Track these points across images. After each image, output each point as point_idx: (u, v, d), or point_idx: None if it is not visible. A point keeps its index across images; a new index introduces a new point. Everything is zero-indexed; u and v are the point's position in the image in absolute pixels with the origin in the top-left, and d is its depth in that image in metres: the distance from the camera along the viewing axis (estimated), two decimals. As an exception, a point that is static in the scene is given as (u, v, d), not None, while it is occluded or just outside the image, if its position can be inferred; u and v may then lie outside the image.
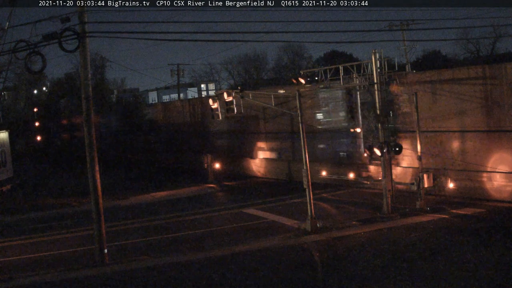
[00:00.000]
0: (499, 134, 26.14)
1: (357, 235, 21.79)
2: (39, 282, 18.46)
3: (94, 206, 20.25)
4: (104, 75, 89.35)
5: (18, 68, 61.27)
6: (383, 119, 25.08)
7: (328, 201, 29.66)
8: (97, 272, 19.20)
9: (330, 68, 26.73)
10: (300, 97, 23.60)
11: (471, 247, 19.13)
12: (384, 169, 25.09)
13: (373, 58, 24.95)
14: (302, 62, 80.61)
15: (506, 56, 61.99)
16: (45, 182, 46.52)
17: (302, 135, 23.33)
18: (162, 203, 33.49)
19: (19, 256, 22.39)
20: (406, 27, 46.00)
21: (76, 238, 24.98)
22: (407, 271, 16.89)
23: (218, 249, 21.26)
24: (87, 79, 20.26)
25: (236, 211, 29.04)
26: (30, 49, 18.06)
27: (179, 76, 70.19)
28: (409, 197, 26.62)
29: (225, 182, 39.67)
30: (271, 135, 40.65)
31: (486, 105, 26.42)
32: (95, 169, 20.20)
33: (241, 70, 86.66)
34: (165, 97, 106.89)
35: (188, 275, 18.42)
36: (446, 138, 28.18)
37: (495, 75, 26.17)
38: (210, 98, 26.12)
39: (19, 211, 33.07)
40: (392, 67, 28.04)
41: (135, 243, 23.40)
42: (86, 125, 20.23)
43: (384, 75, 26.16)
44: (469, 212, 24.33)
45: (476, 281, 15.67)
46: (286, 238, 22.09)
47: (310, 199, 22.89)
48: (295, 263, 18.89)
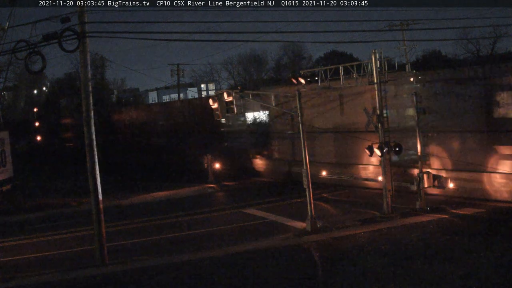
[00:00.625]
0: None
1: (357, 235, 21.79)
2: (39, 282, 18.46)
3: (94, 206, 20.23)
4: (104, 75, 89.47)
5: (18, 68, 61.40)
6: (383, 119, 25.08)
7: (328, 201, 29.67)
8: (97, 272, 19.19)
9: (330, 68, 26.70)
10: (300, 97, 23.62)
11: (471, 247, 19.12)
12: (384, 169, 25.08)
13: (373, 58, 24.94)
14: (302, 62, 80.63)
15: (506, 56, 61.95)
16: (45, 182, 46.53)
17: (302, 135, 23.34)
18: (162, 203, 33.49)
19: (19, 256, 22.38)
20: (406, 27, 45.99)
21: (76, 238, 24.97)
22: (407, 271, 16.88)
23: (218, 249, 21.26)
24: (87, 79, 20.25)
25: (236, 211, 29.04)
26: (30, 49, 18.04)
27: (179, 76, 70.14)
28: (409, 197, 26.63)
29: (225, 182, 39.68)
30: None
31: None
32: (95, 169, 20.20)
33: (241, 70, 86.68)
34: (165, 97, 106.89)
35: (188, 275, 18.42)
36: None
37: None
38: (210, 98, 26.11)
39: (19, 211, 33.06)
40: (392, 67, 28.00)
41: (135, 243, 23.40)
42: (86, 125, 20.23)
43: (384, 75, 26.13)
44: (469, 212, 24.34)
45: (476, 281, 15.67)
46: (286, 238, 22.10)
47: (310, 199, 22.89)
48: (295, 263, 18.90)
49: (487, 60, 56.38)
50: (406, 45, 46.97)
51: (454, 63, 62.70)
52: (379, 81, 25.06)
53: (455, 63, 61.24)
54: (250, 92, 26.49)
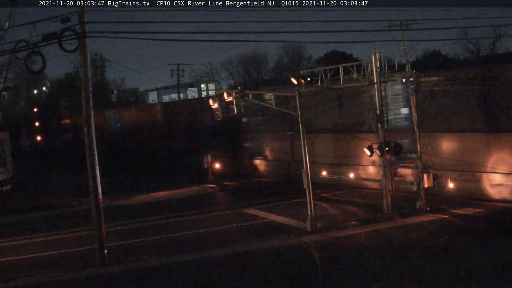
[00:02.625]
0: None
1: (357, 235, 21.79)
2: (39, 282, 18.45)
3: (94, 206, 20.23)
4: (104, 75, 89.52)
5: (18, 68, 61.40)
6: (383, 119, 25.07)
7: (328, 201, 29.67)
8: (97, 272, 19.18)
9: (330, 68, 26.69)
10: (300, 97, 23.62)
11: (471, 247, 19.12)
12: (384, 169, 25.08)
13: (373, 58, 24.92)
14: (302, 62, 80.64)
15: (506, 56, 61.94)
16: (45, 182, 46.53)
17: (302, 135, 23.34)
18: (162, 203, 33.49)
19: (19, 256, 22.37)
20: (406, 27, 45.89)
21: (76, 238, 24.95)
22: (407, 271, 16.89)
23: (218, 249, 21.26)
24: (87, 79, 20.24)
25: (236, 211, 29.04)
26: (30, 49, 18.04)
27: (179, 76, 70.18)
28: (409, 197, 26.63)
29: (226, 182, 39.67)
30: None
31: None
32: (95, 169, 20.20)
33: (241, 70, 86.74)
34: (165, 97, 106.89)
35: (188, 275, 18.42)
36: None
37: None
38: (210, 98, 26.10)
39: (19, 211, 33.05)
40: (392, 67, 27.99)
41: (135, 243, 23.39)
42: (86, 125, 20.22)
43: (384, 75, 26.11)
44: (469, 212, 24.34)
45: (476, 281, 15.67)
46: (286, 238, 22.09)
47: (310, 199, 22.89)
48: (295, 263, 18.90)
49: (487, 60, 56.34)
50: (406, 45, 46.84)
51: (454, 63, 62.70)
52: (379, 81, 25.05)
53: (455, 63, 61.24)
54: (250, 92, 26.48)
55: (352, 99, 32.73)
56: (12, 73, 65.94)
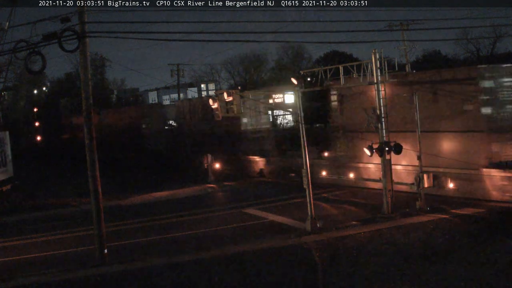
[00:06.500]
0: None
1: (357, 235, 21.79)
2: (39, 282, 18.45)
3: (94, 206, 20.24)
4: (104, 75, 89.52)
5: (18, 68, 61.31)
6: (383, 119, 25.06)
7: (328, 201, 29.67)
8: (97, 272, 19.19)
9: (330, 68, 26.69)
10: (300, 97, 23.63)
11: (471, 247, 19.13)
12: (384, 169, 25.07)
13: (373, 58, 24.93)
14: (302, 62, 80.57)
15: (506, 56, 61.91)
16: (45, 182, 46.51)
17: (302, 135, 23.33)
18: (162, 203, 33.49)
19: (19, 256, 22.39)
20: (406, 27, 45.98)
21: (76, 238, 24.97)
22: (407, 271, 16.89)
23: (218, 249, 21.26)
24: (87, 79, 20.25)
25: (236, 211, 29.04)
26: (30, 49, 18.05)
27: (179, 76, 70.12)
28: (409, 197, 26.63)
29: (225, 182, 39.68)
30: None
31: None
32: (95, 169, 20.20)
33: (241, 70, 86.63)
34: (165, 97, 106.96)
35: (188, 275, 18.42)
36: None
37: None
38: (210, 98, 26.12)
39: (19, 211, 33.07)
40: (392, 67, 28.00)
41: (135, 243, 23.40)
42: (86, 125, 20.23)
43: (384, 75, 26.13)
44: (469, 212, 24.33)
45: (476, 281, 15.67)
46: (286, 238, 22.08)
47: (310, 199, 22.89)
48: (295, 263, 18.90)
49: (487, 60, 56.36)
50: (406, 45, 46.96)
51: (454, 63, 62.68)
52: (379, 81, 25.06)
53: (455, 63, 61.21)
54: (250, 92, 26.50)
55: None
56: (12, 73, 65.85)
